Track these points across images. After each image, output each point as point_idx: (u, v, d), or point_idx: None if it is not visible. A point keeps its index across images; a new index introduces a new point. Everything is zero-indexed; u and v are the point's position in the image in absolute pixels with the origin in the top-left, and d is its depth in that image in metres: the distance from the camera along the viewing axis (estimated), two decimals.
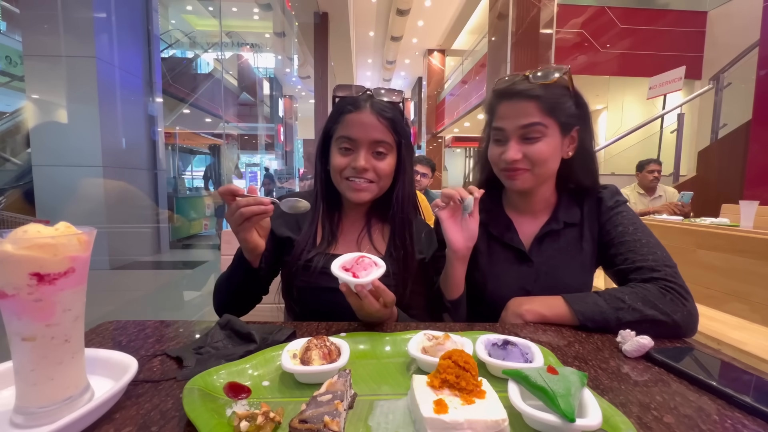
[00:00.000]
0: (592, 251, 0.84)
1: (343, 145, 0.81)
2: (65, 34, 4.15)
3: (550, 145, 0.78)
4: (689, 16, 5.90)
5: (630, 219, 0.82)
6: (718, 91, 4.45)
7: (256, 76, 11.42)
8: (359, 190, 0.82)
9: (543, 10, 5.15)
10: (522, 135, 0.78)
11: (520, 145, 0.79)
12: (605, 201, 0.85)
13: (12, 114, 5.44)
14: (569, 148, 0.83)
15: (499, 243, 0.87)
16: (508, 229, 0.87)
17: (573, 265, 0.83)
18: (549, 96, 0.77)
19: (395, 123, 0.82)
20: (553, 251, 0.84)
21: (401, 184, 0.86)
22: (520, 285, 0.83)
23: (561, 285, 0.80)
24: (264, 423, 0.38)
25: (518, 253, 0.85)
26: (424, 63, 13.41)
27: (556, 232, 0.84)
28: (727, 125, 4.33)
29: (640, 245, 0.77)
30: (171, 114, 7.65)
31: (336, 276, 0.62)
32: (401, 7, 9.51)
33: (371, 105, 0.81)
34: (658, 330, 0.66)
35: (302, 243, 0.84)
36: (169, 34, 8.46)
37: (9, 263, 0.37)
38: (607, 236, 0.82)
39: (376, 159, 0.82)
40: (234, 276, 0.79)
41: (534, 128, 0.77)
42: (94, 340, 0.61)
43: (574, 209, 0.86)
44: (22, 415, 0.39)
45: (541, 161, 0.78)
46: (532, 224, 0.87)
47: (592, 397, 0.41)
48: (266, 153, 13.33)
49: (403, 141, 0.84)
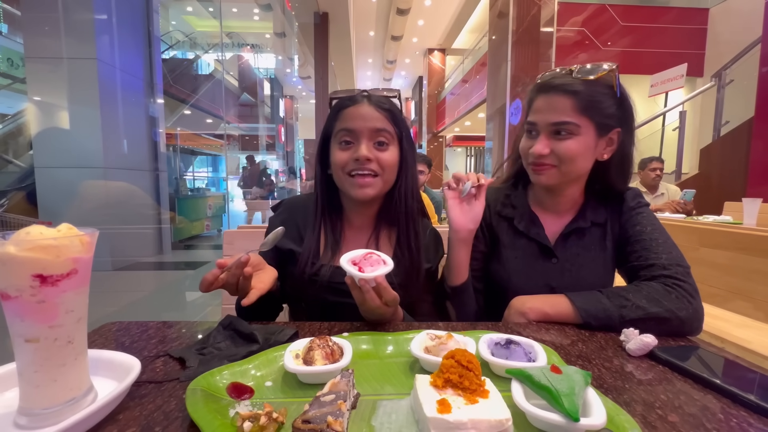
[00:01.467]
0: (614, 251, 0.84)
1: (344, 139, 0.80)
2: (66, 36, 4.17)
3: (580, 144, 0.76)
4: (691, 13, 5.88)
5: (649, 220, 0.82)
6: (720, 88, 4.43)
7: (256, 76, 11.44)
8: (363, 185, 0.79)
9: (543, 8, 5.14)
10: (552, 131, 0.77)
11: (550, 140, 0.78)
12: (627, 201, 0.84)
13: (14, 116, 5.46)
14: (605, 150, 0.80)
15: (524, 238, 0.86)
16: (534, 223, 0.86)
17: (597, 263, 0.83)
18: (587, 93, 0.75)
19: (394, 114, 0.81)
20: (578, 249, 0.83)
21: (404, 179, 0.84)
22: (545, 281, 0.83)
23: (585, 283, 0.79)
24: (267, 423, 0.38)
25: (543, 248, 0.84)
26: (425, 62, 13.40)
27: (582, 230, 0.84)
28: (729, 122, 4.31)
29: (656, 244, 0.77)
30: (172, 115, 7.67)
31: (343, 268, 0.63)
32: (401, 7, 9.49)
33: (369, 99, 0.81)
34: (662, 328, 0.66)
35: (305, 255, 0.81)
36: (169, 35, 8.48)
37: (12, 265, 0.37)
38: (624, 234, 0.82)
39: (378, 149, 0.80)
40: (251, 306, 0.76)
41: (565, 126, 0.76)
42: (97, 341, 0.61)
43: (600, 209, 0.85)
44: (26, 417, 0.39)
45: (569, 159, 0.77)
46: (557, 222, 0.86)
47: (596, 396, 0.41)
48: (267, 153, 13.35)
49: (404, 134, 0.83)
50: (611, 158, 0.81)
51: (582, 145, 0.76)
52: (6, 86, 5.96)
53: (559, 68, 0.81)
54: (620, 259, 0.83)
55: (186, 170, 10.17)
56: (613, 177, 0.84)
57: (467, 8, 9.69)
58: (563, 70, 0.79)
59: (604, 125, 0.77)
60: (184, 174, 8.94)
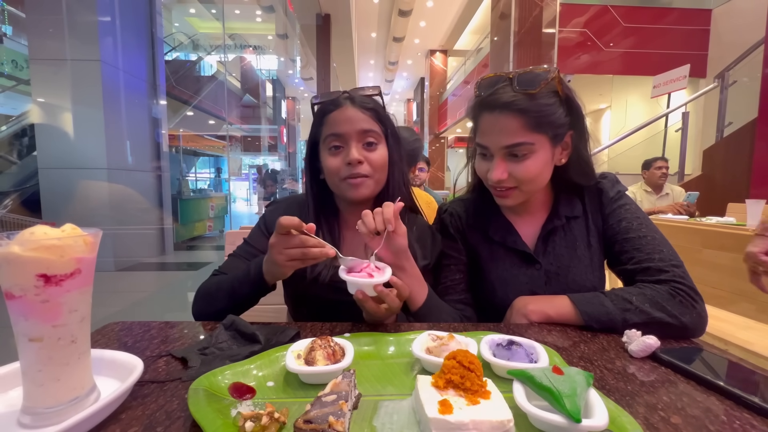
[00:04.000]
0: (600, 247, 0.81)
1: (333, 144, 0.79)
2: (70, 37, 4.20)
3: (538, 162, 0.73)
4: (693, 14, 5.85)
5: (633, 213, 0.79)
6: (723, 89, 4.42)
7: (258, 78, 11.48)
8: (357, 185, 0.79)
9: (545, 9, 5.14)
10: (506, 153, 0.73)
11: (506, 163, 0.73)
12: (606, 192, 0.82)
13: (18, 117, 5.50)
14: (562, 155, 0.78)
15: (502, 247, 0.83)
16: (509, 232, 0.83)
17: (583, 263, 0.79)
18: (536, 109, 0.70)
19: (378, 113, 0.81)
20: (560, 249, 0.80)
21: (392, 175, 0.84)
22: (530, 289, 0.80)
23: (574, 286, 0.77)
24: (268, 423, 0.38)
25: (523, 255, 0.82)
26: (427, 63, 13.40)
27: (560, 228, 0.81)
28: (732, 123, 4.30)
29: (645, 242, 0.75)
30: (175, 116, 7.71)
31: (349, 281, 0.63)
32: (403, 8, 9.51)
33: (351, 101, 0.80)
34: (665, 331, 0.65)
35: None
36: (172, 37, 8.53)
37: (16, 265, 0.37)
38: (610, 231, 0.80)
39: (368, 150, 0.79)
40: (242, 291, 0.74)
41: (519, 148, 0.71)
42: (100, 340, 0.62)
43: (575, 201, 0.83)
44: (29, 416, 0.39)
45: (529, 180, 0.73)
46: (533, 224, 0.84)
47: (599, 397, 0.41)
48: (269, 154, 13.39)
49: (389, 130, 0.83)
50: (569, 160, 0.79)
51: (540, 162, 0.73)
52: (10, 88, 6.01)
53: (495, 75, 0.75)
54: (610, 259, 0.81)
55: (188, 171, 10.20)
56: (574, 177, 0.81)
57: (469, 9, 9.69)
58: (502, 81, 0.73)
59: (557, 135, 0.74)
60: (186, 175, 8.97)
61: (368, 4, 9.68)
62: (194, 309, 0.78)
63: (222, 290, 0.76)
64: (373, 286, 0.62)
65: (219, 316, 0.74)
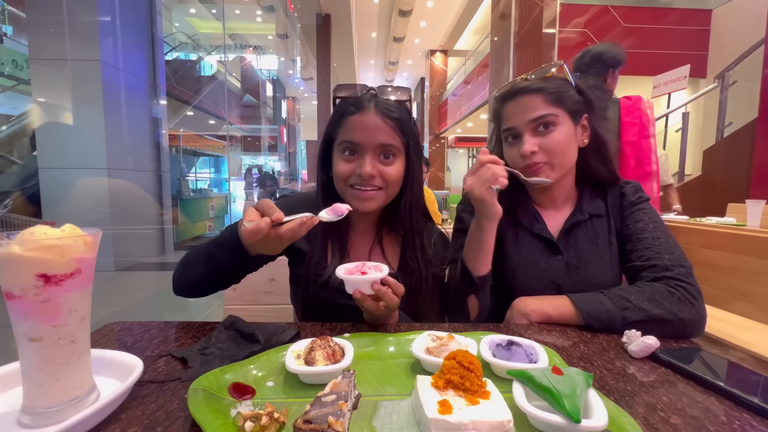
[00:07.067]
0: (618, 246, 0.83)
1: (347, 151, 0.75)
2: (70, 37, 4.20)
3: (564, 133, 0.78)
4: (693, 14, 5.85)
5: (651, 217, 0.81)
6: (724, 89, 4.41)
7: (259, 78, 11.47)
8: (366, 198, 0.75)
9: (546, 9, 5.13)
10: (534, 128, 0.78)
11: (535, 137, 0.78)
12: (628, 196, 0.84)
13: (18, 117, 5.50)
14: (583, 136, 0.83)
15: (527, 233, 0.85)
16: (536, 219, 0.86)
17: (603, 259, 0.81)
18: (551, 87, 0.78)
19: (402, 124, 0.75)
20: (582, 244, 0.82)
21: (410, 189, 0.79)
22: (550, 278, 0.81)
23: (593, 281, 0.79)
24: (268, 423, 0.38)
25: (547, 243, 0.84)
26: (427, 64, 13.40)
27: (583, 223, 0.83)
28: (732, 124, 4.29)
29: (657, 243, 0.76)
30: (175, 116, 7.71)
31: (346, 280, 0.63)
32: (403, 8, 9.51)
33: (376, 105, 0.74)
34: (664, 330, 0.65)
35: (315, 260, 0.79)
36: (172, 36, 8.53)
37: (16, 265, 0.37)
38: (626, 231, 0.82)
39: (383, 164, 0.75)
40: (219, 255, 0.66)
41: (545, 119, 0.77)
42: (100, 340, 0.62)
43: (598, 201, 0.85)
44: (29, 415, 0.39)
45: (558, 151, 0.78)
46: (557, 217, 0.86)
47: (598, 397, 0.41)
48: (269, 155, 13.38)
49: (411, 143, 0.78)
50: (588, 145, 0.83)
51: (565, 134, 0.78)
52: (11, 88, 6.01)
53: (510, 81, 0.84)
54: (622, 257, 0.82)
55: (189, 171, 10.20)
56: (593, 164, 0.84)
57: (469, 10, 9.69)
58: (516, 79, 0.82)
59: (575, 111, 0.80)
60: (186, 175, 8.97)
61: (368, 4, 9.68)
62: (173, 280, 0.73)
63: (199, 255, 0.69)
64: (370, 283, 0.62)
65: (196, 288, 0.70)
